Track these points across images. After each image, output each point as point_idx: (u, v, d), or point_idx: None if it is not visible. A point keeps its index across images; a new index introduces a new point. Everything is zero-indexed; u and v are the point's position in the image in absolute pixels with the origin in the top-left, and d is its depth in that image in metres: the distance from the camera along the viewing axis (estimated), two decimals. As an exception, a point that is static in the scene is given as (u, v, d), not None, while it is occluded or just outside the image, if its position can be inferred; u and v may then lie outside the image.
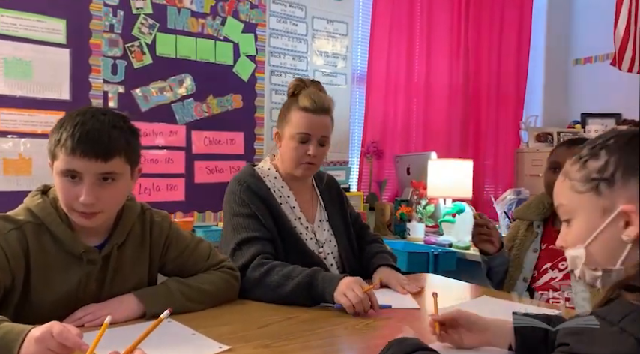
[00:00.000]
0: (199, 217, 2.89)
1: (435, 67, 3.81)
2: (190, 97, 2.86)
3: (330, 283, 1.31)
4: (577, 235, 0.80)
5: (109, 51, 2.63)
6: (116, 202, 1.18)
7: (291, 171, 1.59)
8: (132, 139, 1.17)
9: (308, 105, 1.53)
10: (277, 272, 1.37)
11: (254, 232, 1.47)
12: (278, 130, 1.61)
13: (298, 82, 1.61)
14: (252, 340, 1.08)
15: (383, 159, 3.51)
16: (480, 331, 1.02)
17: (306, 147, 1.54)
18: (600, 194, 0.77)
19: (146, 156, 2.73)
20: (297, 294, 1.34)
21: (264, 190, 1.56)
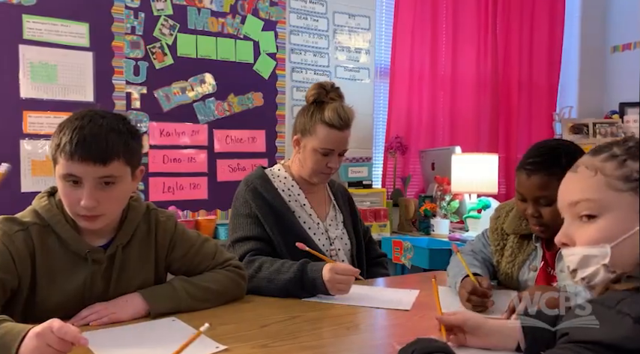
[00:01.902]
0: (222, 215, 2.92)
1: (462, 58, 3.71)
2: (211, 97, 2.88)
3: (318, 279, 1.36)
4: (604, 234, 0.76)
5: (130, 52, 2.68)
6: (117, 204, 1.18)
7: (308, 177, 1.61)
8: (131, 141, 1.15)
9: (335, 122, 1.52)
10: (267, 268, 1.41)
11: (248, 231, 1.50)
12: (298, 137, 1.60)
13: (320, 89, 1.58)
14: (251, 339, 1.07)
15: (407, 154, 3.45)
16: (485, 335, 0.99)
17: (327, 159, 1.56)
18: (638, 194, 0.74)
19: (169, 155, 2.78)
20: (290, 289, 1.38)
21: (270, 190, 1.57)
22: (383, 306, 1.29)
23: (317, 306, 1.32)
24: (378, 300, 1.35)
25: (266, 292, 1.40)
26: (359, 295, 1.38)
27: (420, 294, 1.42)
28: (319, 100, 1.57)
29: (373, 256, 1.80)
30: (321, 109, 1.54)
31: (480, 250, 1.55)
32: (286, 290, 1.38)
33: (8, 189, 2.34)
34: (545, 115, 4.02)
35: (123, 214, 1.25)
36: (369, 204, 2.83)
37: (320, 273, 1.35)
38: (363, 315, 1.25)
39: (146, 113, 2.72)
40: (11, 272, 1.11)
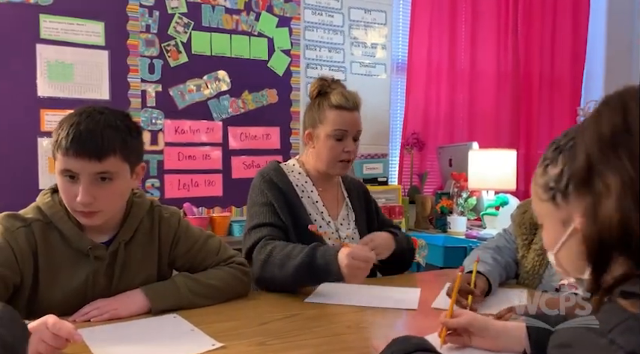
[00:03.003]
0: (237, 212, 2.92)
1: (481, 51, 3.63)
2: (226, 94, 2.89)
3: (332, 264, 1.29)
4: (547, 242, 0.74)
5: (145, 51, 2.70)
6: (115, 201, 1.18)
7: (327, 169, 1.59)
8: (129, 138, 1.15)
9: (342, 102, 1.54)
10: (278, 253, 1.38)
11: (265, 219, 1.49)
12: (310, 131, 1.60)
13: (322, 81, 1.61)
14: (248, 337, 1.06)
15: (425, 150, 3.40)
16: (492, 338, 0.95)
17: (343, 144, 1.55)
18: (558, 206, 0.69)
19: (184, 152, 2.79)
20: (300, 275, 1.34)
21: (284, 183, 1.57)
22: (387, 305, 1.26)
23: (318, 304, 1.30)
24: (382, 299, 1.32)
25: (278, 282, 1.36)
26: (362, 294, 1.36)
27: (423, 292, 1.39)
28: (323, 91, 1.59)
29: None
30: (327, 97, 1.56)
31: (504, 246, 1.52)
32: (296, 277, 1.34)
33: (26, 186, 2.39)
34: (568, 110, 3.90)
35: (126, 211, 1.26)
36: (384, 201, 2.79)
37: (334, 257, 1.29)
38: (364, 313, 1.23)
39: (161, 111, 2.74)
40: (13, 269, 1.12)
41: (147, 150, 2.70)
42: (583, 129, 0.64)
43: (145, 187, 2.68)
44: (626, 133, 0.59)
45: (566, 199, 0.68)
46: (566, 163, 0.68)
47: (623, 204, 0.57)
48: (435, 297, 1.34)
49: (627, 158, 0.58)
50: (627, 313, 0.53)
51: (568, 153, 0.68)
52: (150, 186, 2.70)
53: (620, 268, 0.60)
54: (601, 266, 0.62)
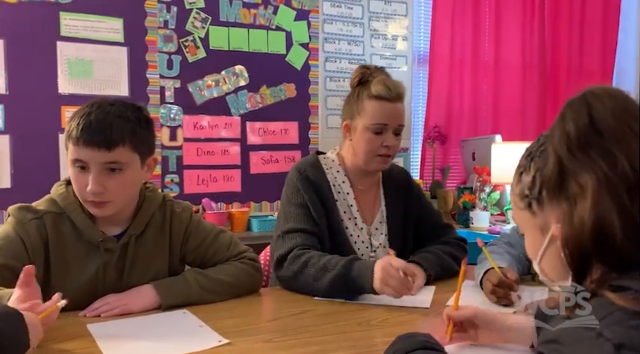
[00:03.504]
0: (255, 207, 2.91)
1: (506, 42, 3.53)
2: (244, 89, 2.88)
3: (366, 275, 1.23)
4: (529, 251, 0.71)
5: (164, 47, 2.71)
6: (125, 191, 1.18)
7: (364, 165, 1.48)
8: (139, 129, 1.16)
9: (383, 93, 1.42)
10: (313, 265, 1.31)
11: (300, 223, 1.41)
12: (348, 122, 1.49)
13: (364, 69, 1.49)
14: (256, 334, 1.04)
15: (447, 144, 3.33)
16: (499, 330, 0.92)
17: (382, 138, 1.44)
18: (534, 213, 0.67)
19: (203, 148, 2.79)
20: (335, 289, 1.27)
21: (322, 182, 1.48)
22: (400, 303, 1.21)
23: (330, 301, 1.27)
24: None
25: (313, 293, 1.30)
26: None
27: (438, 291, 1.35)
28: (364, 79, 1.47)
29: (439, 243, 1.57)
30: (367, 87, 1.44)
31: (516, 242, 1.44)
32: (331, 290, 1.27)
33: (48, 182, 2.41)
34: (598, 101, 3.76)
35: (138, 204, 1.26)
36: (405, 196, 2.74)
37: (370, 271, 1.22)
38: (376, 311, 1.19)
39: (180, 106, 2.74)
40: (24, 261, 1.12)
41: (166, 146, 2.71)
42: (551, 133, 0.64)
43: (164, 183, 2.70)
44: (595, 133, 0.59)
45: (542, 206, 0.66)
46: (538, 169, 0.66)
47: (599, 204, 0.57)
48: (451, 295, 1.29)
49: (600, 157, 0.58)
50: (615, 306, 0.52)
51: (539, 159, 0.66)
52: (169, 181, 2.71)
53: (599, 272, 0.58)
54: (581, 272, 0.60)
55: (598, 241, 0.57)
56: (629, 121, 0.60)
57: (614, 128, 0.59)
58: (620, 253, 0.57)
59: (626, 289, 0.53)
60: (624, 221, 0.56)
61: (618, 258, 0.57)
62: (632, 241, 0.56)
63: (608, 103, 0.61)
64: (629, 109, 0.61)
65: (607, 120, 0.60)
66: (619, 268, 0.57)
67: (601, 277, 0.58)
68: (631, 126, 0.59)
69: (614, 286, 0.55)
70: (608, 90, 0.63)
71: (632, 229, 0.56)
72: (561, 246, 0.62)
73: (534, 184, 0.66)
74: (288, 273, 1.34)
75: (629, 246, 0.56)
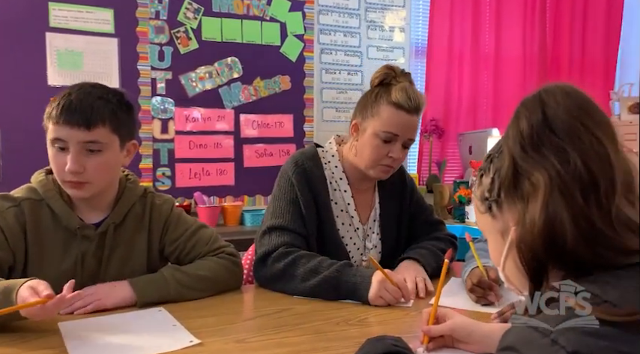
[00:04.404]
0: (249, 201, 2.88)
1: (506, 33, 3.46)
2: (237, 81, 2.83)
3: (362, 284, 1.20)
4: (492, 258, 0.68)
5: (155, 38, 2.67)
6: (104, 173, 1.18)
7: (365, 170, 1.41)
8: (119, 111, 1.17)
9: (403, 101, 1.32)
10: (303, 264, 1.27)
11: (289, 222, 1.36)
12: (358, 122, 1.41)
13: (388, 70, 1.39)
14: (229, 334, 1.01)
15: (445, 138, 3.28)
16: (477, 342, 0.89)
17: (389, 147, 1.36)
18: (495, 216, 0.63)
19: (195, 141, 2.76)
20: (323, 289, 1.23)
21: (319, 178, 1.42)
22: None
23: (310, 300, 1.23)
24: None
25: (296, 293, 1.26)
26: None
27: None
28: (386, 81, 1.38)
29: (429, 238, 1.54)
30: (388, 91, 1.35)
31: None
32: (317, 290, 1.23)
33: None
34: (600, 94, 3.69)
35: (118, 194, 1.26)
36: (400, 190, 2.70)
37: (367, 279, 1.19)
38: (355, 310, 1.16)
39: (171, 99, 2.70)
40: (4, 249, 1.14)
41: (157, 139, 2.68)
42: (506, 133, 0.62)
43: (155, 176, 2.67)
44: (548, 130, 0.57)
45: (501, 209, 0.63)
46: (496, 170, 0.63)
47: (550, 203, 0.54)
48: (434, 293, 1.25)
49: (553, 155, 0.56)
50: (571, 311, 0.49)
51: (497, 160, 0.63)
52: (161, 175, 2.68)
53: (557, 278, 0.54)
54: (538, 277, 0.56)
55: (549, 242, 0.54)
56: (583, 118, 0.57)
57: (568, 125, 0.57)
58: (573, 255, 0.54)
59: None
60: (577, 222, 0.54)
61: (572, 261, 0.54)
62: (586, 242, 0.53)
63: (562, 101, 0.58)
64: (583, 106, 0.58)
65: (560, 117, 0.58)
66: (575, 272, 0.54)
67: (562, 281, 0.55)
68: (584, 123, 0.57)
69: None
70: (563, 87, 0.60)
71: (585, 231, 0.53)
72: (516, 249, 0.58)
73: (493, 186, 0.63)
74: (272, 271, 1.30)
75: (582, 248, 0.53)
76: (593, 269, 0.53)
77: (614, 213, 0.54)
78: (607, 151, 0.56)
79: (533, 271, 0.57)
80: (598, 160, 0.55)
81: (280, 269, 1.28)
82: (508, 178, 0.60)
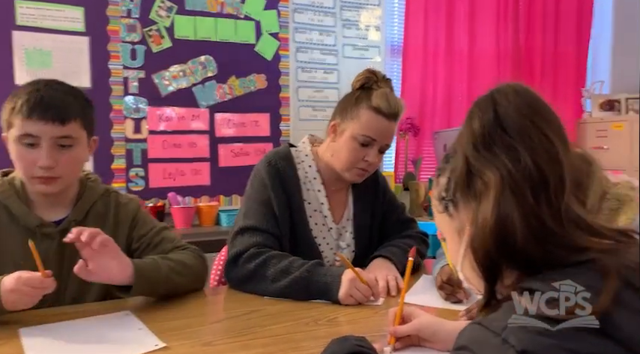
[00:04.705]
0: (225, 201, 2.85)
1: (480, 31, 3.50)
2: (212, 80, 2.81)
3: (332, 283, 1.20)
4: (451, 257, 0.68)
5: (127, 36, 2.62)
6: (74, 168, 1.19)
7: (340, 171, 1.42)
8: (87, 107, 1.20)
9: (383, 107, 1.35)
10: (274, 265, 1.26)
11: (262, 223, 1.34)
12: (336, 123, 1.41)
13: (370, 74, 1.41)
14: (195, 337, 1.00)
15: (420, 136, 3.30)
16: (443, 341, 0.89)
17: (366, 151, 1.37)
18: (451, 216, 0.64)
19: (169, 141, 2.72)
20: (294, 290, 1.23)
21: (292, 178, 1.41)
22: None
23: (281, 300, 1.22)
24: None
25: (266, 294, 1.25)
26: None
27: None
28: (368, 85, 1.39)
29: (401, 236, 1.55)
30: (369, 95, 1.37)
31: None
32: (287, 291, 1.22)
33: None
34: (572, 91, 3.76)
35: (79, 192, 1.25)
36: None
37: (338, 279, 1.19)
38: (325, 310, 1.15)
39: (144, 98, 2.66)
40: None
41: (130, 138, 2.64)
42: (460, 133, 0.63)
43: (128, 177, 2.63)
44: (499, 129, 0.58)
45: (457, 208, 0.63)
46: (452, 170, 0.63)
47: (500, 202, 0.55)
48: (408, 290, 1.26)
49: (504, 153, 0.56)
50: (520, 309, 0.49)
51: (453, 160, 0.64)
52: (134, 175, 2.64)
53: (511, 277, 0.54)
54: (491, 276, 0.56)
55: (500, 241, 0.55)
56: (533, 116, 0.58)
57: (518, 124, 0.57)
58: (524, 254, 0.54)
59: (534, 292, 0.50)
60: (527, 220, 0.54)
61: (523, 259, 0.54)
62: (536, 241, 0.53)
63: (513, 100, 0.59)
64: (533, 105, 0.59)
65: (511, 116, 0.58)
66: (526, 270, 0.54)
67: (516, 281, 0.55)
68: (534, 121, 0.58)
69: (523, 288, 0.52)
70: (514, 87, 0.61)
71: (536, 229, 0.53)
72: (470, 248, 0.58)
73: (449, 185, 0.63)
74: (243, 271, 1.29)
75: (533, 246, 0.53)
76: (544, 267, 0.53)
77: (563, 211, 0.54)
78: (556, 150, 0.56)
79: (486, 270, 0.58)
80: (547, 159, 0.56)
81: (251, 270, 1.27)
82: (462, 177, 0.60)
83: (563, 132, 0.60)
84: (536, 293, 0.49)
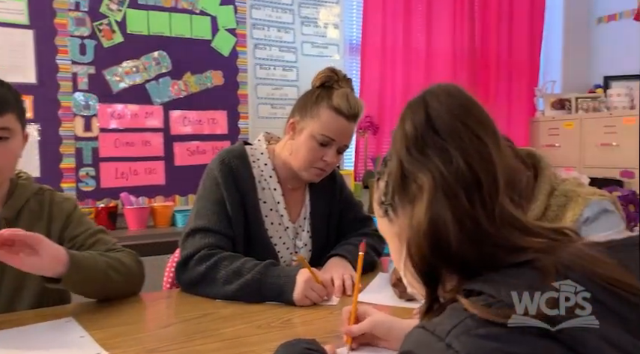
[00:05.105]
0: (181, 201, 2.78)
1: (437, 31, 3.54)
2: (166, 76, 2.72)
3: (286, 285, 1.17)
4: (394, 262, 0.66)
5: (75, 30, 2.51)
6: (12, 161, 1.15)
7: (297, 170, 1.39)
8: (19, 99, 1.16)
9: (343, 107, 1.33)
10: (225, 267, 1.22)
11: (214, 223, 1.30)
12: (295, 121, 1.39)
13: (331, 73, 1.39)
14: (142, 343, 0.95)
15: (379, 134, 3.31)
16: (397, 339, 0.88)
17: (324, 151, 1.35)
18: (391, 220, 0.62)
19: (121, 139, 2.63)
20: (246, 292, 1.19)
21: (247, 177, 1.37)
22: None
23: (234, 302, 1.19)
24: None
25: (218, 297, 1.21)
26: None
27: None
28: (328, 84, 1.37)
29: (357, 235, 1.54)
30: (329, 94, 1.35)
31: None
32: (241, 293, 1.19)
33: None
34: (526, 91, 3.86)
35: (10, 190, 1.21)
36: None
37: (292, 279, 1.17)
38: (279, 311, 1.12)
39: (95, 95, 2.56)
40: None
41: (80, 137, 2.53)
42: (394, 136, 0.62)
43: (78, 177, 2.52)
44: (431, 131, 0.57)
45: (395, 212, 0.61)
46: (389, 174, 0.62)
47: (433, 204, 0.54)
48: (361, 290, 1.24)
49: (436, 155, 0.56)
50: (466, 313, 0.47)
51: (389, 163, 0.62)
52: (84, 175, 2.53)
53: (452, 281, 0.53)
54: (431, 281, 0.55)
55: (434, 244, 0.53)
56: (464, 117, 0.57)
57: (449, 125, 0.56)
58: (460, 256, 0.53)
59: (480, 294, 0.49)
60: (461, 222, 0.53)
61: (459, 262, 0.53)
62: (471, 242, 0.52)
63: (445, 101, 0.58)
64: (464, 105, 0.58)
65: (442, 117, 0.57)
66: (466, 274, 0.53)
67: (457, 284, 0.54)
68: (465, 122, 0.56)
69: (466, 290, 0.50)
70: (446, 88, 0.60)
71: (470, 231, 0.52)
72: (407, 253, 0.57)
73: (387, 189, 0.62)
74: (194, 274, 1.24)
75: (468, 248, 0.52)
76: (482, 270, 0.52)
77: (498, 211, 0.53)
78: (488, 150, 0.56)
79: (425, 275, 0.56)
80: (480, 159, 0.55)
81: (202, 272, 1.23)
82: (397, 181, 0.59)
83: (496, 132, 0.58)
84: (483, 296, 0.48)
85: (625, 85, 3.63)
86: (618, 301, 0.46)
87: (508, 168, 0.57)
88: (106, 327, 1.03)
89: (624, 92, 3.52)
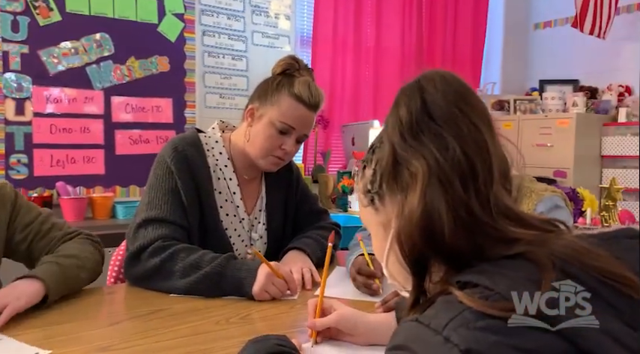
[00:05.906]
0: (122, 192, 2.65)
1: (386, 28, 3.58)
2: (108, 59, 2.58)
3: (247, 278, 1.13)
4: (377, 253, 0.65)
5: (7, 5, 2.32)
6: None
7: (254, 158, 1.35)
8: None
9: (305, 96, 1.29)
10: (182, 259, 1.16)
11: (168, 213, 1.24)
12: (254, 107, 1.34)
13: (292, 61, 1.35)
14: (89, 342, 0.88)
15: (329, 129, 3.30)
16: (362, 334, 0.87)
17: (283, 140, 1.31)
18: (377, 209, 0.61)
19: (57, 125, 2.46)
20: (205, 286, 1.14)
21: (201, 166, 1.31)
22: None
23: (188, 298, 1.13)
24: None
25: (173, 291, 1.15)
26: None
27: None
28: (289, 72, 1.34)
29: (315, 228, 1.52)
30: (291, 82, 1.31)
31: None
32: (199, 286, 1.13)
33: None
34: (469, 91, 3.98)
35: None
36: (285, 180, 2.66)
37: (253, 273, 1.13)
38: (238, 306, 1.08)
39: (28, 76, 2.38)
40: None
41: (10, 121, 2.35)
42: (386, 121, 0.59)
43: (8, 164, 2.33)
44: (427, 116, 0.55)
45: (383, 201, 0.60)
46: (377, 161, 0.60)
47: (427, 192, 0.52)
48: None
49: (431, 142, 0.54)
50: (462, 305, 0.46)
51: (378, 150, 0.61)
52: (15, 162, 2.35)
53: (440, 272, 0.53)
54: (419, 272, 0.55)
55: (428, 233, 0.52)
56: (460, 103, 0.55)
57: (446, 111, 0.55)
58: (453, 246, 0.51)
59: (475, 286, 0.47)
60: (455, 211, 0.51)
61: (452, 252, 0.52)
62: (465, 232, 0.51)
63: (441, 87, 0.56)
64: (460, 91, 0.57)
65: (438, 103, 0.55)
66: (456, 264, 0.52)
67: (445, 275, 0.53)
68: (462, 109, 0.55)
69: (461, 282, 0.49)
70: (442, 73, 0.59)
71: (464, 220, 0.51)
72: (396, 241, 0.55)
73: (375, 177, 0.60)
74: (147, 267, 1.17)
75: (461, 238, 0.51)
76: (475, 261, 0.51)
77: (492, 201, 0.52)
78: (484, 138, 0.55)
79: (414, 264, 0.55)
80: (476, 148, 0.54)
81: (156, 265, 1.16)
82: (388, 168, 0.57)
83: (490, 121, 0.57)
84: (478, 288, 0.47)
85: (558, 88, 3.84)
86: (614, 293, 0.46)
87: (502, 158, 0.56)
88: (44, 326, 0.95)
89: (557, 96, 3.71)
